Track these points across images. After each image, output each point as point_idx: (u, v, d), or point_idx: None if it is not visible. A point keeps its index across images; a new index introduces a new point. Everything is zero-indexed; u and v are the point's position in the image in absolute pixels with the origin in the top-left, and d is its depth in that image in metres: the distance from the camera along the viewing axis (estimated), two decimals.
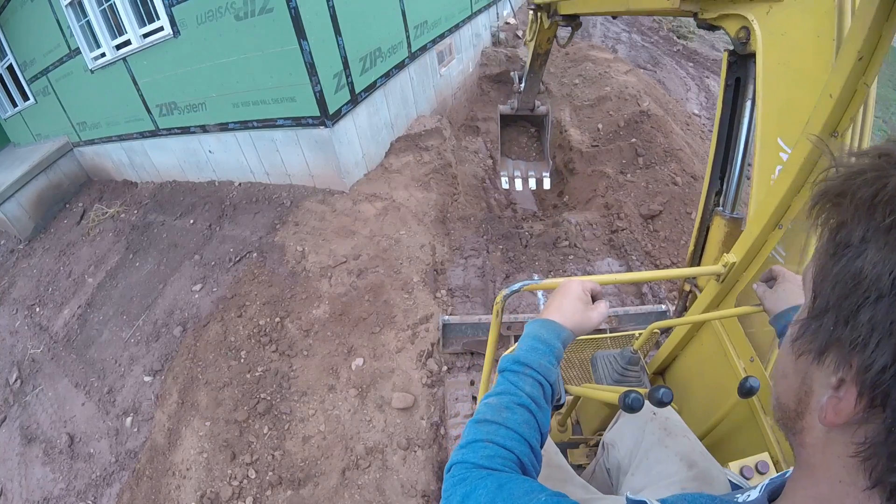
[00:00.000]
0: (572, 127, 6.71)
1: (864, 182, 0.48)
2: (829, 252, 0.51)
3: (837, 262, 0.49)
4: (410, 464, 3.22)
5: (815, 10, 1.29)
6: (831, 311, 0.49)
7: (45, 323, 5.50)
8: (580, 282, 1.17)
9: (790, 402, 0.58)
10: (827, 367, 0.50)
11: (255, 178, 6.17)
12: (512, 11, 10.94)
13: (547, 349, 1.04)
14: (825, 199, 0.53)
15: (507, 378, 1.02)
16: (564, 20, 3.36)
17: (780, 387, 0.61)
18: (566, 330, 1.08)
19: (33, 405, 4.57)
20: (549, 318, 1.10)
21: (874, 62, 1.06)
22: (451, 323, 3.76)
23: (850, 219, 0.48)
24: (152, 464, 3.61)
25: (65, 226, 7.19)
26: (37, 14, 6.42)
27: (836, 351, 0.49)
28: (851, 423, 0.47)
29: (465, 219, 5.36)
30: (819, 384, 0.52)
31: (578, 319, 1.11)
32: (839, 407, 0.48)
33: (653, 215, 5.04)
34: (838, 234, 0.50)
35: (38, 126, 8.48)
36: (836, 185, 0.51)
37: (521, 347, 1.06)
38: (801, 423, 0.56)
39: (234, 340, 4.09)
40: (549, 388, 1.01)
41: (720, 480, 1.38)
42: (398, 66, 6.14)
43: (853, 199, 0.48)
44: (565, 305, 1.12)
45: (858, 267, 0.46)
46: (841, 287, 0.48)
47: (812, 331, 0.52)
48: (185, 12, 4.92)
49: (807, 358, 0.53)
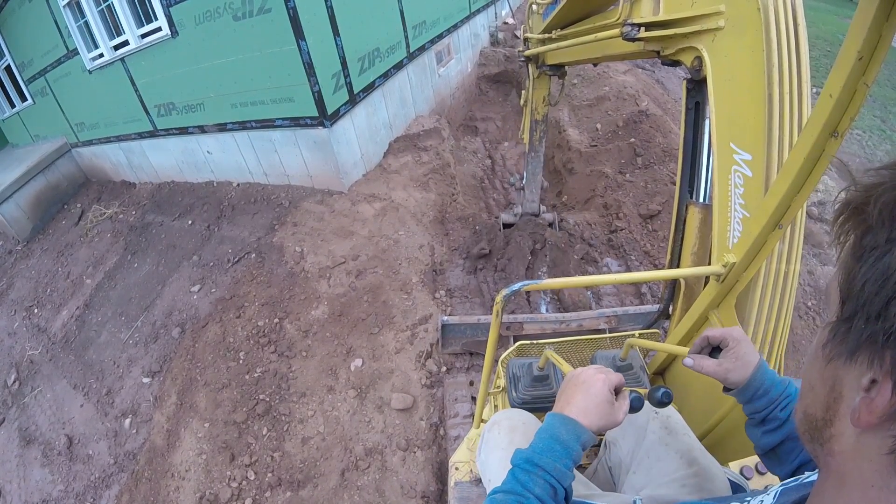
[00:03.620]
0: (571, 127, 6.71)
1: (885, 189, 0.49)
2: (857, 256, 0.52)
3: (865, 263, 0.50)
4: (410, 465, 3.22)
5: (747, 31, 1.57)
6: (861, 312, 0.50)
7: (43, 324, 5.49)
8: (605, 380, 1.07)
9: (818, 412, 0.58)
10: (859, 366, 0.50)
11: (254, 179, 6.17)
12: (510, 11, 10.94)
13: (564, 452, 0.98)
14: (849, 210, 0.54)
15: (516, 477, 0.97)
16: (551, 70, 3.61)
17: (807, 399, 0.61)
18: (588, 432, 1.01)
19: (32, 407, 4.57)
20: (573, 416, 1.03)
21: (874, 62, 1.06)
22: (450, 323, 3.75)
23: (875, 224, 0.50)
24: (151, 465, 3.60)
25: (63, 227, 7.18)
26: (35, 15, 6.41)
27: (869, 348, 0.49)
28: (885, 421, 0.47)
29: (463, 219, 5.36)
30: (849, 388, 0.52)
31: (603, 423, 1.04)
32: (873, 405, 0.48)
33: (652, 215, 5.04)
34: (864, 240, 0.51)
35: (36, 127, 8.47)
36: (859, 196, 0.53)
37: (538, 445, 1.00)
38: (830, 431, 0.56)
39: (233, 341, 4.08)
40: (562, 491, 0.97)
41: (720, 479, 1.38)
42: (396, 67, 6.13)
43: (877, 205, 0.50)
44: (591, 407, 1.04)
45: (886, 263, 0.47)
46: (871, 286, 0.48)
47: (843, 333, 0.53)
48: (183, 13, 4.92)
49: (837, 362, 0.54)
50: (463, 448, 2.09)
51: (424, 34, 6.77)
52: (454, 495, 1.95)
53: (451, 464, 2.06)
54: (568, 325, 3.61)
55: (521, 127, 4.39)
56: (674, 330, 2.14)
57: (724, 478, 1.40)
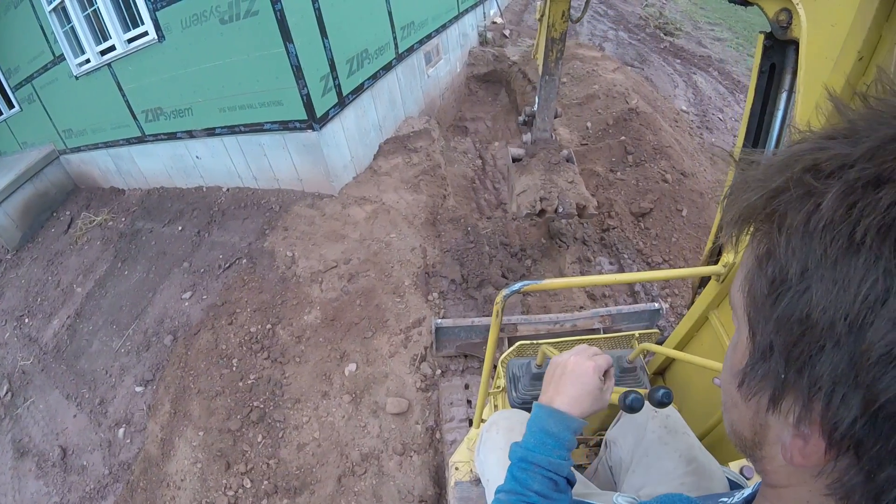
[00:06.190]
0: (561, 126, 6.70)
1: (790, 203, 0.41)
2: (763, 290, 0.44)
3: (776, 303, 0.42)
4: (407, 469, 3.21)
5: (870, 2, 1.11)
6: (778, 355, 0.43)
7: (34, 334, 5.44)
8: (595, 366, 1.07)
9: (745, 433, 0.53)
10: (784, 413, 0.44)
11: (244, 184, 6.13)
12: (499, 11, 10.93)
13: (557, 444, 0.98)
14: (745, 222, 0.47)
15: (514, 476, 0.98)
16: None
17: (732, 415, 0.55)
18: (578, 420, 1.01)
19: (25, 418, 4.53)
20: (559, 408, 1.02)
21: (874, 62, 1.06)
22: (443, 326, 3.74)
23: (781, 250, 0.42)
24: (146, 475, 3.58)
25: (52, 235, 7.11)
26: (20, 20, 6.34)
27: (793, 397, 0.43)
28: (820, 468, 0.43)
29: (455, 220, 5.35)
30: (776, 421, 0.47)
31: (594, 408, 1.04)
32: (806, 451, 0.43)
33: (644, 213, 5.05)
34: (769, 267, 0.43)
35: (23, 134, 8.38)
36: (755, 205, 0.44)
37: (529, 441, 1.00)
38: (761, 453, 0.52)
39: (226, 348, 4.06)
40: (562, 480, 0.97)
41: (719, 478, 1.39)
42: (385, 68, 6.11)
43: (781, 226, 0.42)
44: (582, 395, 1.03)
45: (803, 310, 0.39)
46: (786, 332, 0.41)
47: (760, 376, 0.46)
48: (169, 16, 4.87)
49: (758, 401, 0.48)
50: (463, 448, 2.09)
51: (413, 35, 6.75)
52: (454, 495, 1.96)
53: (451, 464, 2.06)
54: (562, 325, 3.60)
55: (535, 46, 3.95)
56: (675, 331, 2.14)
57: (723, 477, 1.41)
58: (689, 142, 6.58)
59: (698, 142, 6.98)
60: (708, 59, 10.37)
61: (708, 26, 12.74)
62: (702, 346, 2.01)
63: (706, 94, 8.78)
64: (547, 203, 3.90)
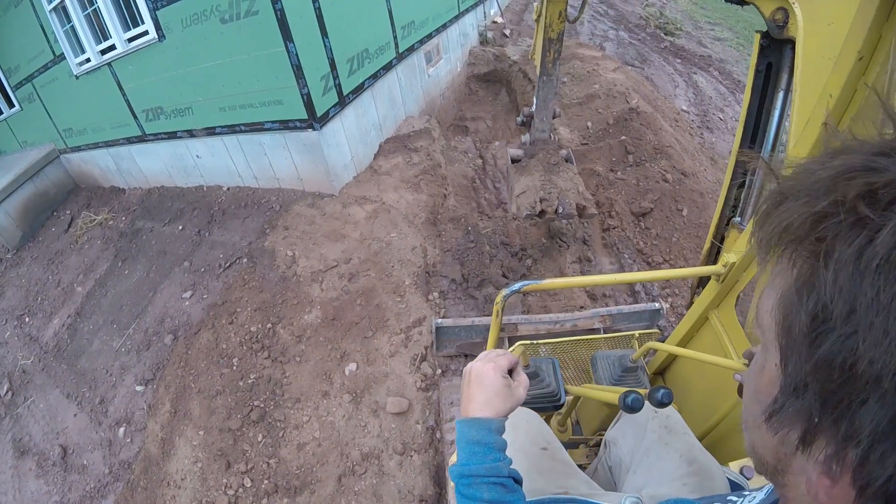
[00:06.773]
0: (561, 125, 6.70)
1: (839, 232, 0.36)
2: (802, 327, 0.39)
3: (815, 343, 0.38)
4: (407, 469, 3.21)
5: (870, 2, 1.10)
6: (813, 396, 0.39)
7: (34, 333, 5.44)
8: (495, 367, 1.07)
9: (768, 458, 0.50)
10: (814, 454, 0.41)
11: (244, 183, 6.13)
12: (499, 10, 10.92)
13: (486, 449, 0.99)
14: (783, 244, 0.42)
15: (462, 493, 0.98)
16: None
17: (754, 436, 0.51)
18: (495, 421, 1.02)
19: (25, 417, 4.53)
20: (474, 415, 1.03)
21: (874, 62, 1.06)
22: (444, 326, 3.74)
23: (827, 285, 0.37)
24: (146, 474, 3.58)
25: (53, 234, 7.11)
26: (20, 20, 6.34)
27: (825, 440, 0.39)
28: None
29: (455, 219, 5.35)
30: (803, 457, 0.43)
31: (507, 406, 1.04)
32: (833, 493, 0.40)
33: (644, 213, 5.05)
34: (810, 301, 0.39)
35: (23, 133, 8.37)
36: (797, 228, 0.40)
37: (461, 456, 1.01)
38: (784, 480, 0.49)
39: (226, 348, 4.06)
40: (508, 480, 0.97)
41: (720, 478, 1.39)
42: (386, 67, 6.11)
43: (828, 257, 0.37)
44: (490, 397, 1.04)
45: (847, 359, 0.35)
46: (825, 376, 0.38)
47: (791, 413, 0.43)
48: (169, 16, 4.87)
49: (786, 434, 0.44)
50: None
51: (413, 34, 6.75)
52: (455, 495, 1.95)
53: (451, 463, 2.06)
54: (562, 325, 3.61)
55: (532, 46, 3.95)
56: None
57: (723, 477, 1.41)
58: (690, 141, 6.58)
59: (699, 141, 6.98)
60: (708, 58, 10.37)
61: (708, 26, 12.74)
62: (702, 345, 2.01)
63: (707, 94, 8.78)
64: (547, 204, 3.91)
